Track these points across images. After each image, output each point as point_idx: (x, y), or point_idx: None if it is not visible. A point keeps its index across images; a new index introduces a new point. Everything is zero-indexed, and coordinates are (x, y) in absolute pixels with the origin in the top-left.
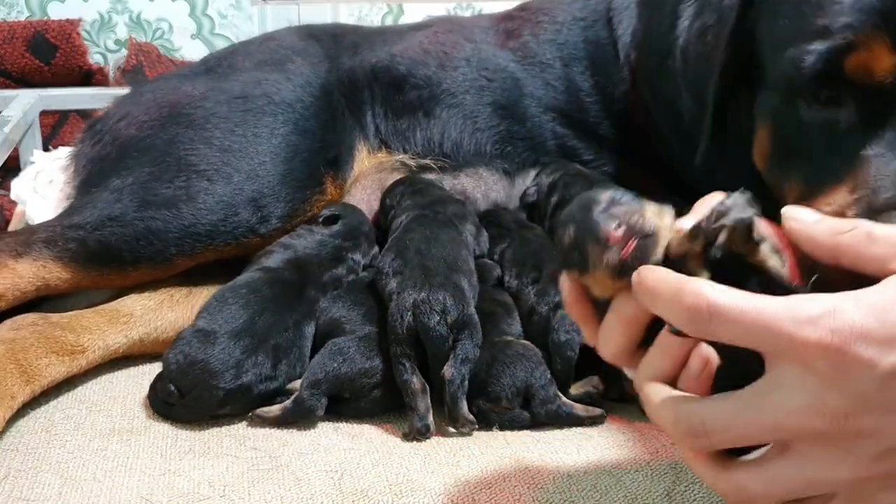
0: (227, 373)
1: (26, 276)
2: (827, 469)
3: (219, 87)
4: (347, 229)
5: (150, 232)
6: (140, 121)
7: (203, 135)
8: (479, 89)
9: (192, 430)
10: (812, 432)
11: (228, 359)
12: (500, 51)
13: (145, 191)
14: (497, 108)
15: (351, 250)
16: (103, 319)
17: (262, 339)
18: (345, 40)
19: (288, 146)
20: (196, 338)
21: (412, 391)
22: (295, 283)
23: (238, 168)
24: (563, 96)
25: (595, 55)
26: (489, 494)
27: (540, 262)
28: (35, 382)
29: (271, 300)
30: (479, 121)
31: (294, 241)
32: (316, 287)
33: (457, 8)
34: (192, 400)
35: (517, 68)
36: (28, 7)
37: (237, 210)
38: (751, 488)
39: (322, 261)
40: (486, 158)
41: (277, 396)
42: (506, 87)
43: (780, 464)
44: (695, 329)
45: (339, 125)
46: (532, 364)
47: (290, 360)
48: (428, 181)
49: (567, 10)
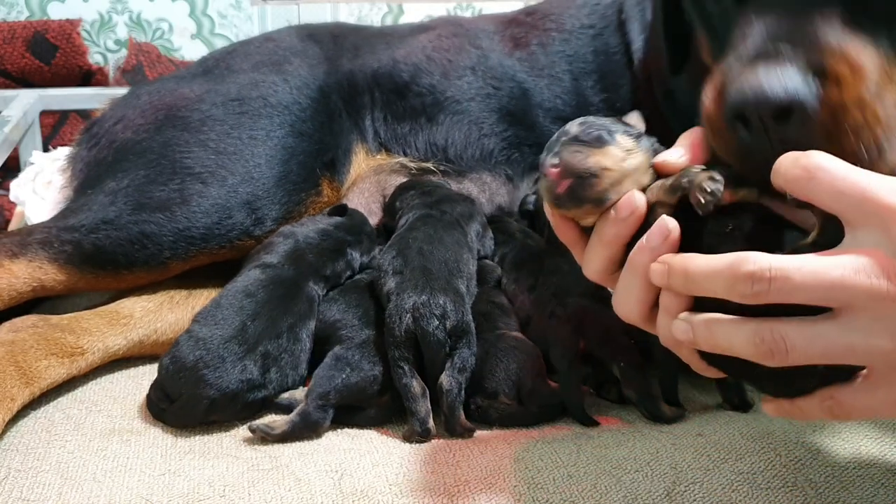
0: (214, 380)
1: (22, 277)
2: (870, 336)
3: (215, 90)
4: (351, 224)
5: (144, 235)
6: (136, 124)
7: (198, 137)
8: (485, 97)
9: (192, 431)
10: (871, 293)
11: (218, 365)
12: (508, 59)
13: (140, 193)
14: (504, 114)
15: (352, 245)
16: (103, 321)
17: (251, 347)
18: (345, 42)
19: (283, 149)
20: (188, 343)
21: (411, 395)
22: (293, 280)
23: (233, 170)
24: (573, 109)
25: (605, 67)
26: (489, 494)
27: (537, 270)
28: (34, 384)
29: (266, 304)
30: (485, 126)
31: (296, 229)
32: (315, 280)
33: (457, 8)
34: (180, 406)
35: (525, 78)
36: (28, 7)
37: (231, 213)
38: (791, 338)
39: (323, 251)
40: (490, 164)
41: (265, 405)
42: (514, 96)
43: (827, 324)
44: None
45: (336, 127)
46: (524, 355)
47: (281, 368)
48: (435, 182)
49: (575, 15)
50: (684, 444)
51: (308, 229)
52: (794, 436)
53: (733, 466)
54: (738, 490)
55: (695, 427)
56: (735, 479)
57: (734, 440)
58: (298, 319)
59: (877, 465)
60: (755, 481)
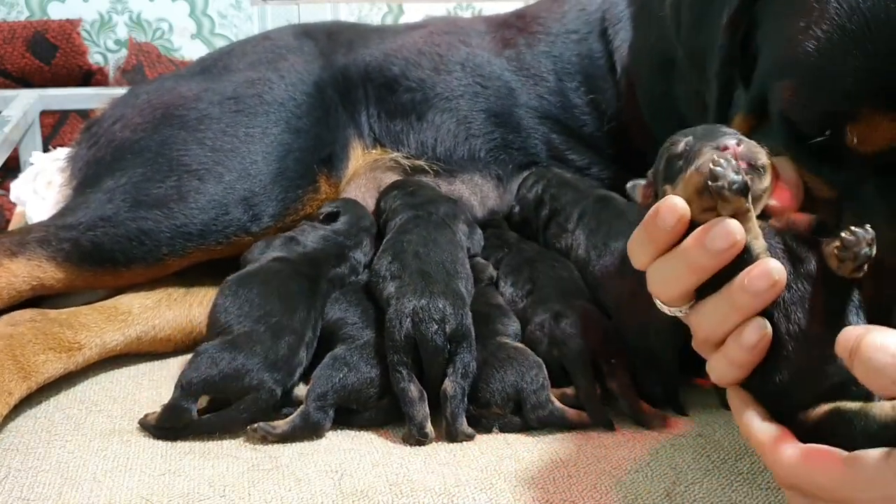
0: (275, 376)
1: (21, 276)
2: None
3: (212, 88)
4: (348, 226)
5: (141, 232)
6: (134, 123)
7: (195, 136)
8: (473, 95)
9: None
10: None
11: (276, 358)
12: (496, 58)
13: (137, 191)
14: (491, 115)
15: (352, 248)
16: (101, 317)
17: (300, 335)
18: (340, 37)
19: (280, 145)
20: (239, 340)
21: (409, 399)
22: (312, 277)
23: (229, 167)
24: (559, 109)
25: (588, 70)
26: (489, 494)
27: (534, 276)
28: (32, 379)
29: (296, 295)
30: (472, 127)
31: (300, 237)
32: (326, 282)
33: (457, 8)
34: (246, 406)
35: (512, 77)
36: (28, 7)
37: (228, 209)
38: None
39: (328, 257)
40: (479, 165)
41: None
42: (500, 95)
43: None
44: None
45: (332, 122)
46: (524, 367)
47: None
48: (420, 182)
49: (560, 21)
50: (684, 445)
51: (311, 236)
52: None
53: (733, 467)
54: (738, 490)
55: (695, 428)
56: (735, 479)
57: (734, 441)
58: (320, 315)
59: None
60: (755, 481)
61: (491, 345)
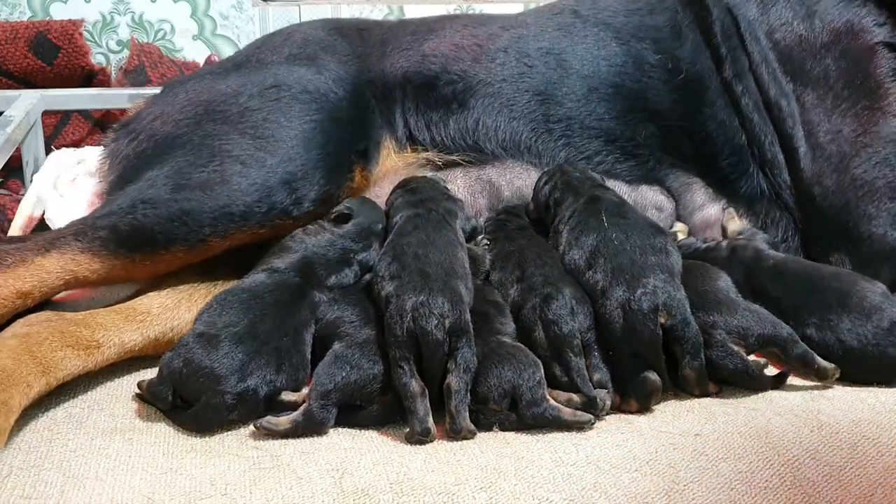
0: (232, 377)
1: (54, 272)
2: None
3: (251, 81)
4: (358, 230)
5: (183, 212)
6: (176, 119)
7: (238, 127)
8: (518, 77)
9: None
10: None
11: (232, 362)
12: (545, 35)
13: (179, 176)
14: (535, 94)
15: (359, 252)
16: (119, 317)
17: (263, 342)
18: (371, 36)
19: (322, 132)
20: (198, 343)
21: (410, 394)
22: (299, 286)
23: (272, 152)
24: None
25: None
26: (489, 493)
27: (523, 262)
28: (50, 374)
29: (272, 306)
30: (515, 108)
31: (306, 238)
32: (319, 289)
33: (457, 9)
34: (201, 410)
35: (564, 47)
36: (30, 7)
37: (272, 192)
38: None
39: (329, 262)
40: (519, 148)
41: (272, 405)
42: (549, 67)
43: None
44: None
45: (368, 121)
46: (521, 365)
47: (293, 364)
48: (421, 178)
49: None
50: (682, 444)
51: (317, 240)
52: (792, 435)
53: (731, 466)
54: (737, 489)
55: (693, 427)
56: (733, 478)
57: (732, 440)
58: (302, 324)
59: (874, 464)
60: (753, 480)
61: (490, 342)
